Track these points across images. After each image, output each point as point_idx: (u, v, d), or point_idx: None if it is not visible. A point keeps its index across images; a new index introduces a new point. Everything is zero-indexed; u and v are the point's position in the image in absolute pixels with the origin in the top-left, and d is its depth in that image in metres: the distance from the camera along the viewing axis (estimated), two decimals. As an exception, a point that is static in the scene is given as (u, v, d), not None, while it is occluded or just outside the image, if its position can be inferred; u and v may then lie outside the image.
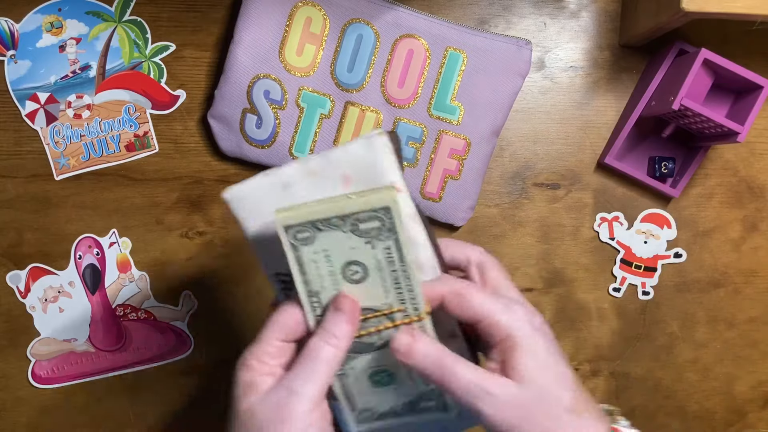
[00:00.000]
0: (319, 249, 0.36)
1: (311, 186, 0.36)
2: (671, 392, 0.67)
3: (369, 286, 0.38)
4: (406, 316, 0.39)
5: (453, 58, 0.60)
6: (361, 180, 0.36)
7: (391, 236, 0.36)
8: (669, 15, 0.53)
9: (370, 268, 0.37)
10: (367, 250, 0.37)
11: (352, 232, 0.36)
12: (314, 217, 0.35)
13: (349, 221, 0.36)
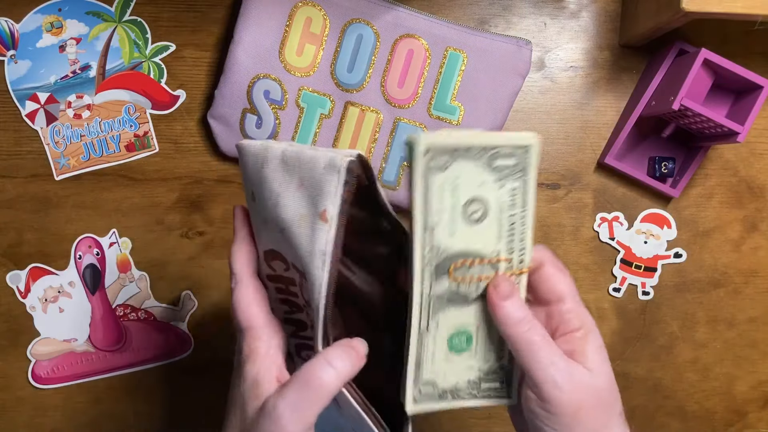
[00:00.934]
0: (451, 177, 0.36)
1: (279, 173, 0.37)
2: (671, 392, 0.67)
3: (484, 228, 0.38)
4: (509, 268, 0.39)
5: (453, 58, 0.60)
6: (308, 192, 0.36)
7: (521, 176, 0.37)
8: (669, 15, 0.53)
9: (491, 208, 0.38)
10: (494, 189, 0.37)
11: (488, 165, 0.36)
12: (458, 143, 0.36)
13: (488, 154, 0.36)
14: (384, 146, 0.61)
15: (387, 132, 0.61)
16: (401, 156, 0.61)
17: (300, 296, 0.40)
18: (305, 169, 0.36)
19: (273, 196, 0.37)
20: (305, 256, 0.36)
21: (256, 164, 0.38)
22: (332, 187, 0.35)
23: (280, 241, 0.38)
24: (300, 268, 0.37)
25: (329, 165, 0.35)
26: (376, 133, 0.61)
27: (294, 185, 0.36)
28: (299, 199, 0.36)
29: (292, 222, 0.36)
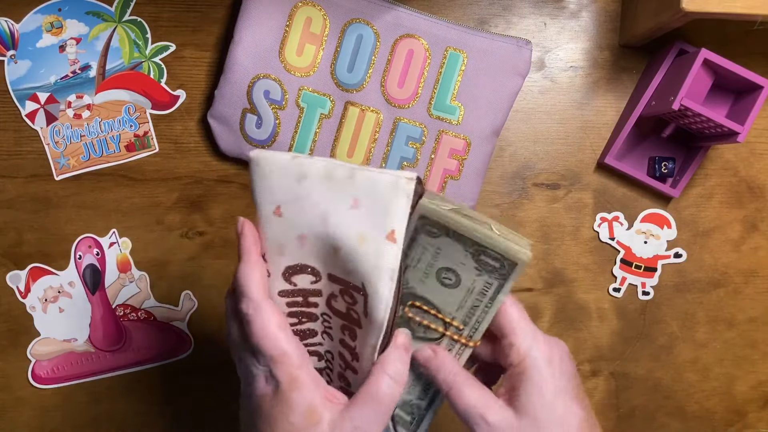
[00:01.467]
0: (435, 245, 0.38)
1: (323, 190, 0.37)
2: (671, 392, 0.67)
3: (450, 294, 0.40)
4: (458, 333, 0.41)
5: (453, 58, 0.60)
6: (367, 212, 0.37)
7: (499, 279, 0.38)
8: (669, 15, 0.53)
9: (463, 284, 0.39)
10: (471, 273, 0.39)
11: (473, 255, 0.38)
12: (456, 227, 0.37)
13: (476, 248, 0.38)
14: (384, 146, 0.61)
15: (387, 132, 0.61)
16: (401, 156, 0.62)
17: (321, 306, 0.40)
18: (362, 190, 0.37)
19: (317, 213, 0.37)
20: (370, 273, 0.37)
21: (288, 178, 0.37)
22: (400, 210, 0.36)
23: (325, 255, 0.38)
24: (354, 282, 0.38)
25: (393, 187, 0.36)
26: (376, 133, 0.61)
27: (347, 204, 0.37)
28: (356, 218, 0.37)
29: (350, 240, 0.37)
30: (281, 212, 0.38)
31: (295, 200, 0.37)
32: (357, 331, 0.40)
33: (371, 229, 0.36)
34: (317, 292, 0.40)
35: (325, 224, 0.37)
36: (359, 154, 0.61)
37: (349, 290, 0.39)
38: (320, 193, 0.37)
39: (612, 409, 0.67)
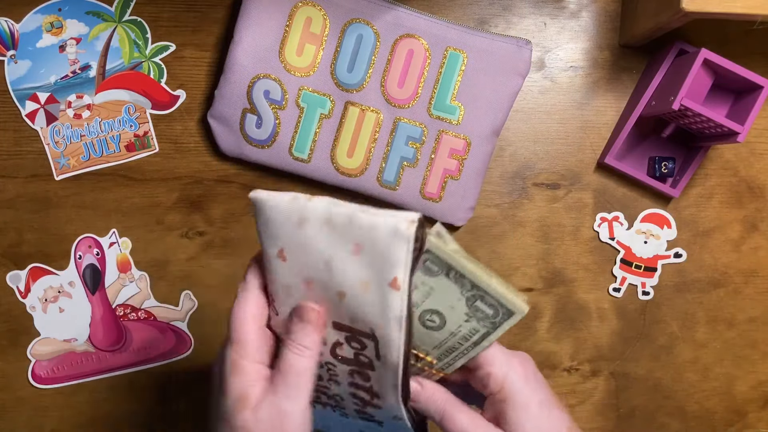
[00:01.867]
0: (429, 284, 0.37)
1: (324, 235, 0.36)
2: (671, 392, 0.67)
3: (430, 335, 0.39)
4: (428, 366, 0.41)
5: (453, 58, 0.60)
6: (369, 258, 0.35)
7: (488, 326, 0.38)
8: (669, 15, 0.53)
9: (446, 328, 0.39)
10: (460, 317, 0.38)
11: (467, 300, 0.37)
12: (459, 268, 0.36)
13: (474, 292, 0.37)
14: (384, 146, 0.61)
15: (387, 132, 0.61)
16: (401, 156, 0.62)
17: (325, 354, 0.40)
18: (362, 235, 0.35)
19: (320, 259, 0.36)
20: (376, 320, 0.36)
21: (288, 222, 0.36)
22: (401, 255, 0.35)
23: (329, 301, 0.37)
24: (362, 329, 0.37)
25: (394, 232, 0.34)
26: (376, 133, 0.61)
27: (348, 250, 0.36)
28: (358, 265, 0.36)
29: (353, 287, 0.36)
30: (285, 256, 0.37)
31: (297, 245, 0.36)
32: (370, 374, 0.39)
33: (374, 276, 0.35)
34: (322, 341, 0.39)
35: (328, 270, 0.36)
36: (359, 154, 0.61)
37: (357, 337, 0.38)
38: (321, 239, 0.36)
39: (612, 409, 0.67)
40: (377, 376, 0.39)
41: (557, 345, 0.66)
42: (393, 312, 0.36)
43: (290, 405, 0.37)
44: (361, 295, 0.36)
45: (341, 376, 0.40)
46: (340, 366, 0.40)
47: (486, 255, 0.65)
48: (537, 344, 0.66)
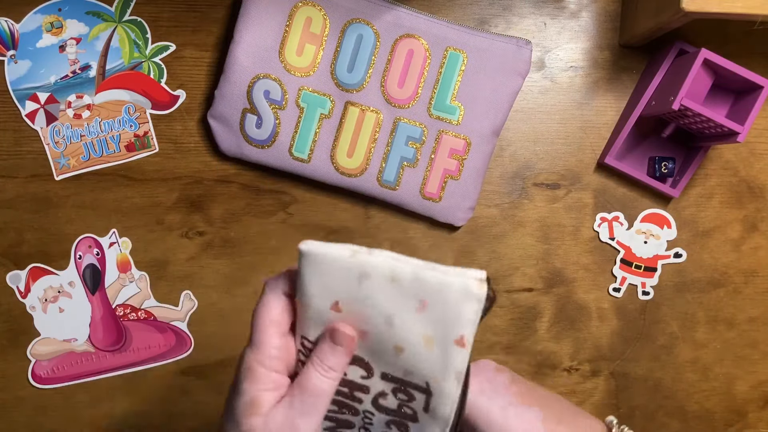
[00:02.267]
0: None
1: (387, 291, 0.36)
2: (671, 392, 0.67)
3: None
4: None
5: (453, 58, 0.60)
6: (436, 316, 0.35)
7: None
8: (669, 15, 0.53)
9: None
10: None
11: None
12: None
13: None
14: (384, 146, 0.61)
15: (387, 132, 0.61)
16: (401, 156, 0.61)
17: (365, 403, 0.39)
18: (430, 292, 0.35)
19: (381, 314, 0.36)
20: (434, 375, 0.36)
21: (348, 277, 0.36)
22: (471, 316, 0.35)
23: (383, 353, 0.37)
24: (416, 381, 0.37)
25: (465, 293, 0.35)
26: (376, 133, 0.61)
27: (413, 306, 0.35)
28: (422, 322, 0.35)
29: (415, 343, 0.36)
30: (340, 308, 0.36)
31: (356, 300, 0.36)
32: (410, 425, 0.39)
33: (440, 333, 0.35)
34: (365, 388, 0.39)
35: (389, 325, 0.36)
36: (359, 154, 0.61)
37: (407, 389, 0.38)
38: (384, 295, 0.36)
39: (612, 409, 0.67)
40: (419, 427, 0.39)
41: (557, 345, 0.66)
42: (455, 367, 0.36)
43: (304, 423, 0.36)
44: (422, 351, 0.36)
45: (376, 425, 0.40)
46: (379, 416, 0.40)
47: (486, 255, 0.65)
48: (537, 344, 0.66)
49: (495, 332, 0.66)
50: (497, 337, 0.66)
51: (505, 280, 0.65)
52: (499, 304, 0.65)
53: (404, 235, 0.65)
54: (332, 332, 0.37)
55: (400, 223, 0.65)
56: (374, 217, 0.65)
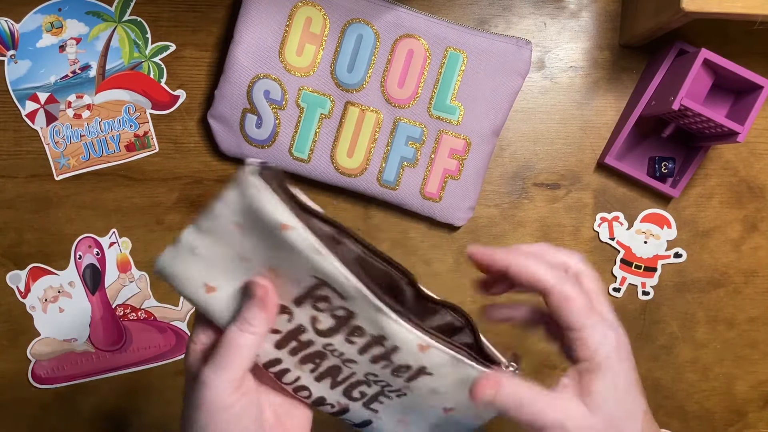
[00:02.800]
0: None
1: (211, 244, 0.36)
2: (671, 392, 0.67)
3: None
4: None
5: (453, 58, 0.60)
6: (252, 225, 0.35)
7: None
8: (669, 15, 0.53)
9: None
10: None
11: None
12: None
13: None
14: (384, 146, 0.61)
15: (387, 132, 0.61)
16: (401, 156, 0.61)
17: (316, 340, 0.39)
18: (230, 215, 0.35)
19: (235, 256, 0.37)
20: (306, 267, 0.35)
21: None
22: (265, 200, 0.34)
23: (277, 284, 0.37)
24: (307, 283, 0.36)
25: (240, 190, 0.34)
26: (376, 133, 0.61)
27: (237, 236, 0.36)
28: (261, 245, 0.36)
29: (272, 259, 0.36)
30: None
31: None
32: (356, 323, 0.38)
33: (267, 239, 0.35)
34: (301, 328, 0.38)
35: (247, 260, 0.37)
36: (359, 154, 0.61)
37: (313, 294, 0.37)
38: (213, 249, 0.36)
39: (612, 409, 0.67)
40: (362, 318, 0.38)
41: (557, 345, 0.66)
42: (305, 248, 0.35)
43: (215, 376, 0.36)
44: (284, 258, 0.35)
45: (346, 349, 0.39)
46: (338, 338, 0.39)
47: (486, 255, 0.65)
48: (537, 344, 0.66)
49: (495, 332, 0.65)
50: (497, 337, 0.65)
51: (505, 280, 0.65)
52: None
53: (404, 235, 0.65)
54: (248, 286, 0.37)
55: (400, 223, 0.65)
56: (374, 217, 0.65)
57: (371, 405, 0.43)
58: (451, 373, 0.40)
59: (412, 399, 0.42)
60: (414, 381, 0.40)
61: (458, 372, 0.40)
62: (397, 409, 0.43)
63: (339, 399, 0.42)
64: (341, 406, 0.42)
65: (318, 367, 0.40)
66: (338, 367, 0.40)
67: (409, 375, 0.40)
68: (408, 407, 0.43)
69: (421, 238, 0.65)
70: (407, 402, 0.42)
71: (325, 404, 0.42)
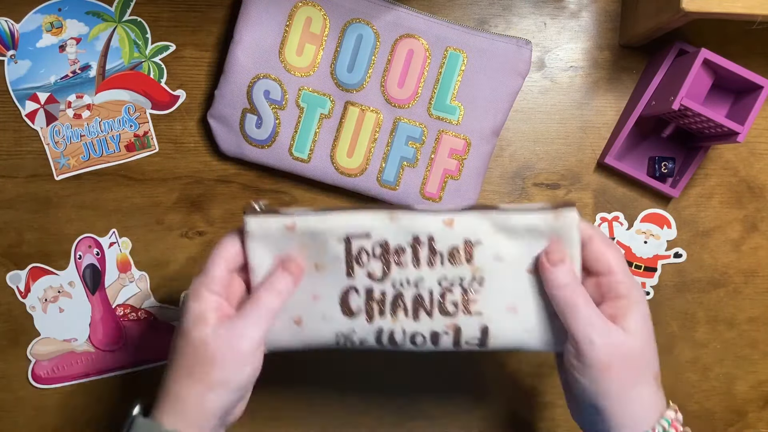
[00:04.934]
0: None
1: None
2: (671, 392, 0.67)
3: None
4: None
5: (453, 58, 0.60)
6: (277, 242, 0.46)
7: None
8: (669, 15, 0.53)
9: None
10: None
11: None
12: None
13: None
14: (384, 146, 0.61)
15: (387, 132, 0.61)
16: (401, 156, 0.62)
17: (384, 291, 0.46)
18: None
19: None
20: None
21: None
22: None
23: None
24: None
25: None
26: (376, 132, 0.61)
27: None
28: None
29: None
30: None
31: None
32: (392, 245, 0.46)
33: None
34: (369, 290, 0.46)
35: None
36: (359, 154, 0.61)
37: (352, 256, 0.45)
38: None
39: (612, 409, 0.67)
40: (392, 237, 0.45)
41: (557, 345, 0.66)
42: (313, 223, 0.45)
43: (250, 331, 0.43)
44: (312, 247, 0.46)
45: (406, 273, 0.45)
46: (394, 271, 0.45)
47: (486, 255, 0.65)
48: (537, 344, 0.66)
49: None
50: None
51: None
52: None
53: (404, 235, 0.65)
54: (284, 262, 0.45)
55: (400, 223, 0.65)
56: (374, 217, 0.65)
57: (470, 308, 0.46)
58: (493, 231, 0.45)
59: (492, 279, 0.46)
60: (474, 260, 0.45)
61: (499, 226, 0.45)
62: (494, 299, 0.46)
63: (445, 322, 0.46)
64: (452, 327, 0.46)
65: (406, 307, 0.46)
66: (419, 296, 0.46)
67: (464, 256, 0.45)
68: (498, 290, 0.46)
69: (421, 238, 0.65)
70: (494, 285, 0.46)
71: (441, 337, 0.46)
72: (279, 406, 0.65)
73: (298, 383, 0.65)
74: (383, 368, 0.65)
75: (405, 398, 0.66)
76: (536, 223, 0.44)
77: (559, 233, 0.44)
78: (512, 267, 0.45)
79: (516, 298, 0.46)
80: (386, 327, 0.46)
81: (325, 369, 0.65)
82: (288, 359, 0.64)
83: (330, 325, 0.46)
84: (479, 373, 0.66)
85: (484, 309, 0.46)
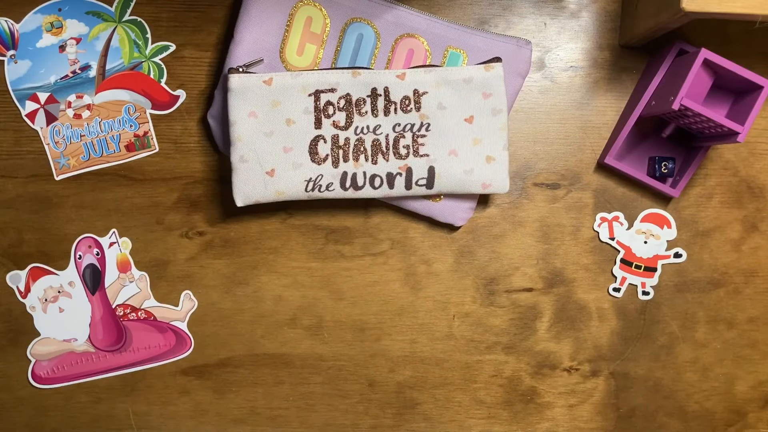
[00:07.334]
0: None
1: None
2: (671, 392, 0.67)
3: None
4: None
5: (453, 57, 0.60)
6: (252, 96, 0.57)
7: None
8: (669, 15, 0.53)
9: None
10: None
11: None
12: None
13: None
14: (384, 146, 0.61)
15: (387, 132, 0.61)
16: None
17: (348, 138, 0.57)
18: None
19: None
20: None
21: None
22: None
23: None
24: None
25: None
26: (376, 133, 0.61)
27: None
28: None
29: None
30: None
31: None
32: (354, 97, 0.57)
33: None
34: (335, 137, 0.57)
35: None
36: (359, 154, 0.61)
37: (319, 108, 0.57)
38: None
39: (612, 409, 0.67)
40: (354, 90, 0.57)
41: (557, 345, 0.66)
42: (284, 79, 0.57)
43: None
44: (284, 100, 0.58)
45: (366, 121, 0.56)
46: (356, 120, 0.56)
47: (486, 255, 0.65)
48: (537, 344, 0.66)
49: (495, 332, 0.66)
50: (497, 337, 0.66)
51: (505, 280, 0.65)
52: (499, 304, 0.65)
53: (404, 235, 0.65)
54: None
55: (400, 223, 0.65)
56: (374, 217, 0.65)
57: (419, 151, 0.57)
58: (437, 83, 0.56)
59: (437, 125, 0.57)
60: (422, 108, 0.56)
61: (442, 78, 0.56)
62: (438, 143, 0.57)
63: (398, 164, 0.57)
64: (404, 168, 0.57)
65: (366, 151, 0.57)
66: (377, 141, 0.57)
67: (414, 105, 0.56)
68: (442, 134, 0.57)
69: (421, 238, 0.65)
70: (438, 131, 0.57)
71: (396, 179, 0.57)
72: (279, 406, 0.65)
73: (298, 383, 0.65)
74: (383, 368, 0.65)
75: (405, 398, 0.66)
76: (472, 75, 0.56)
77: (489, 83, 0.56)
78: (453, 115, 0.55)
79: (456, 143, 0.57)
80: (350, 171, 0.56)
81: (325, 369, 0.65)
82: (288, 359, 0.64)
83: (300, 172, 0.56)
84: (479, 372, 0.66)
85: (431, 151, 0.57)
